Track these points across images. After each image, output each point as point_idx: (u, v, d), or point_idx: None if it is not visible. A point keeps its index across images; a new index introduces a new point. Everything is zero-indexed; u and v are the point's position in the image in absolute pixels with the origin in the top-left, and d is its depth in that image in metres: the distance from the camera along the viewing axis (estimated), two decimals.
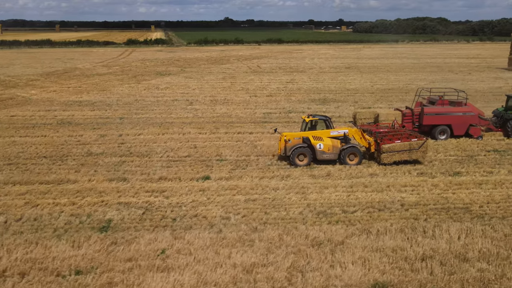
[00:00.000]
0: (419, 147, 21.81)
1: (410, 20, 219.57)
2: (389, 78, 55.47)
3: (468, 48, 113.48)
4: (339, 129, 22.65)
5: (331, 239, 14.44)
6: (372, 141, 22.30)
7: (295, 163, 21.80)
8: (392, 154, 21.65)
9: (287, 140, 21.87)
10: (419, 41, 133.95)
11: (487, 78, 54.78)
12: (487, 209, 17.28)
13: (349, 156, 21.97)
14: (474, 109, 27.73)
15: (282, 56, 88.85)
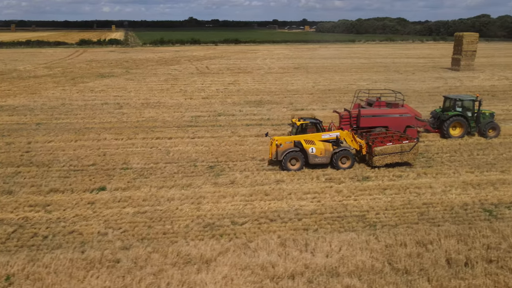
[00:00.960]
0: (410, 149, 21.56)
1: (370, 20, 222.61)
2: (333, 78, 55.20)
3: (421, 48, 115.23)
4: (330, 132, 22.05)
5: (203, 255, 13.44)
6: (364, 143, 21.87)
7: (287, 167, 21.09)
8: (384, 156, 21.40)
9: (278, 145, 21.22)
10: (375, 40, 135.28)
11: (429, 78, 55.18)
12: (383, 216, 16.67)
13: (341, 160, 21.49)
14: (411, 111, 27.56)
15: (235, 57, 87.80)
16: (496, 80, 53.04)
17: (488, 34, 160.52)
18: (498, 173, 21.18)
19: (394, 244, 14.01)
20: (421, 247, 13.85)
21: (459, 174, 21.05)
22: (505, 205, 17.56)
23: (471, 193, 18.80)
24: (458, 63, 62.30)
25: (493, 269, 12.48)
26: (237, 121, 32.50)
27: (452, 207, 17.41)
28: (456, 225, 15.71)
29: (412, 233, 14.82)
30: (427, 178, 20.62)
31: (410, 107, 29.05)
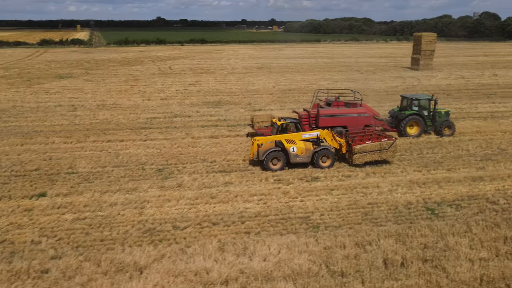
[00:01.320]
0: (389, 147, 21.81)
1: (337, 21, 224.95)
2: (295, 78, 55.29)
3: (385, 47, 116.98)
4: (311, 131, 22.10)
5: (137, 263, 13.02)
6: (344, 142, 22.00)
7: (269, 167, 21.09)
8: (364, 154, 21.56)
9: (259, 145, 21.19)
10: (340, 40, 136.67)
11: (389, 77, 55.94)
12: (327, 218, 16.59)
13: (322, 158, 21.55)
14: (369, 110, 27.75)
15: (200, 57, 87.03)
16: (452, 79, 54.19)
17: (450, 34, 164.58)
18: (444, 171, 21.45)
19: (334, 246, 13.91)
20: (360, 248, 13.79)
21: (407, 173, 21.22)
22: (447, 203, 17.75)
23: (416, 192, 18.95)
24: (417, 62, 63.41)
25: (427, 269, 12.51)
26: (192, 122, 32.07)
27: (396, 206, 17.49)
28: (397, 225, 15.76)
29: (353, 234, 14.77)
30: (376, 177, 20.69)
31: (369, 106, 29.32)
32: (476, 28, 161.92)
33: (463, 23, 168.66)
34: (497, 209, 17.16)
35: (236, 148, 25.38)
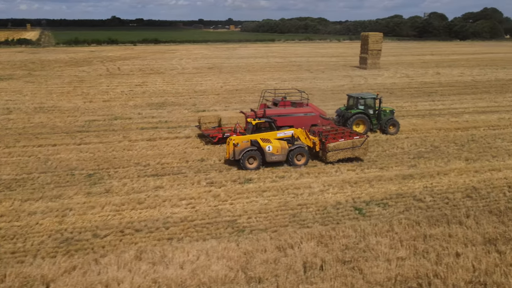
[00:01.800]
0: (361, 144, 22.24)
1: (293, 20, 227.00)
2: (244, 78, 55.07)
3: (337, 47, 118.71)
4: (285, 130, 22.24)
5: (45, 276, 12.32)
6: (317, 140, 22.27)
7: (245, 166, 21.23)
8: (337, 152, 22.01)
9: (235, 144, 21.25)
10: (294, 40, 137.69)
11: (337, 76, 56.59)
12: (254, 221, 16.33)
13: (297, 157, 21.80)
14: (316, 109, 27.75)
15: (151, 57, 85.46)
16: (398, 78, 55.40)
17: (400, 34, 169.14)
18: (377, 170, 21.65)
19: (254, 250, 13.64)
20: (281, 252, 13.59)
21: (341, 173, 21.28)
22: (376, 202, 17.86)
23: (347, 191, 18.99)
24: (365, 61, 64.53)
25: (344, 271, 12.43)
26: (132, 125, 31.22)
27: (325, 207, 17.44)
28: (323, 226, 15.66)
29: (276, 238, 14.56)
30: (309, 178, 20.64)
31: (315, 105, 29.42)
32: (425, 28, 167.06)
33: (413, 23, 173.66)
34: (423, 206, 17.39)
35: (173, 151, 24.83)
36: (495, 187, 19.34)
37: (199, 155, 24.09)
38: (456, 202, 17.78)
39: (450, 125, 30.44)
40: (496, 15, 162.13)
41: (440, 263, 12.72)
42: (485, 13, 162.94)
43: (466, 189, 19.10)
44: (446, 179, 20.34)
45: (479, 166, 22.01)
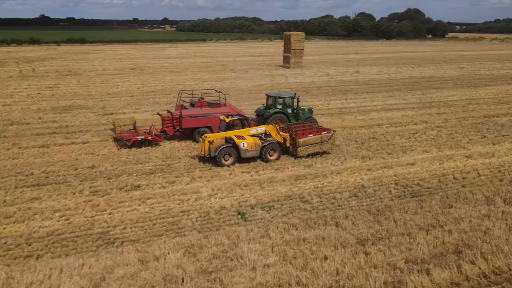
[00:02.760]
0: (328, 139, 23.23)
1: (228, 20, 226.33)
2: (164, 79, 53.64)
3: (268, 46, 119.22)
4: (257, 127, 22.96)
5: None
6: (288, 136, 22.95)
7: (221, 163, 21.58)
8: (307, 147, 22.80)
9: (211, 141, 21.63)
10: (226, 39, 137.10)
11: (259, 76, 56.40)
12: (129, 231, 15.39)
13: (269, 152, 22.45)
14: (234, 109, 27.36)
15: (73, 58, 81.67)
16: (318, 76, 56.08)
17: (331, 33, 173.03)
18: (272, 171, 21.30)
19: (115, 264, 12.69)
20: (143, 265, 12.73)
21: (234, 175, 20.74)
22: (262, 205, 17.43)
23: (235, 195, 18.44)
24: (288, 60, 64.96)
25: (203, 283, 11.76)
26: (28, 131, 29.18)
27: (208, 213, 16.77)
28: (200, 233, 14.97)
29: (143, 249, 13.68)
30: (201, 182, 19.92)
31: (233, 106, 29.10)
32: (354, 27, 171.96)
33: (342, 23, 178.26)
34: (308, 208, 17.14)
35: (64, 158, 23.31)
36: (382, 185, 19.51)
37: (92, 161, 22.75)
38: (341, 202, 17.69)
39: (356, 123, 30.85)
40: (418, 15, 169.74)
41: (306, 269, 12.36)
42: (408, 13, 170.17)
43: (354, 188, 19.12)
44: (338, 178, 20.30)
45: (373, 164, 22.22)
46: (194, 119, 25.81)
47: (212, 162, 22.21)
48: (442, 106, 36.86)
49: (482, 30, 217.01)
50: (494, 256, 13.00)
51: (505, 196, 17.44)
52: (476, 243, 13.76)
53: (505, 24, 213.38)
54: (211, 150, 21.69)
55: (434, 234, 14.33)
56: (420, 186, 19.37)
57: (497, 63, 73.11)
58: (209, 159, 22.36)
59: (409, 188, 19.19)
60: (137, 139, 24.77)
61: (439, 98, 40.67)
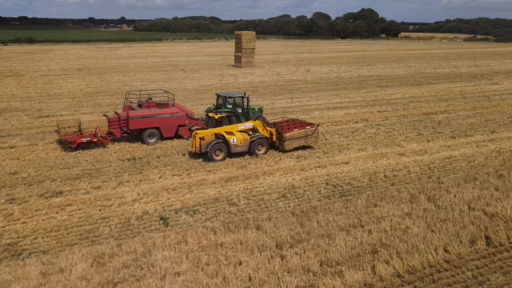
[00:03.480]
0: (312, 133, 23.97)
1: (186, 19, 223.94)
2: (111, 80, 52.19)
3: (223, 46, 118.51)
4: (245, 123, 23.72)
5: None
6: (274, 131, 23.67)
7: (213, 158, 22.12)
8: (293, 141, 23.48)
9: (202, 138, 22.16)
10: (182, 39, 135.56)
11: (209, 76, 55.77)
12: (41, 241, 14.53)
13: (257, 147, 23.10)
14: (182, 109, 26.95)
15: (18, 58, 78.50)
16: (268, 76, 55.93)
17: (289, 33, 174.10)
18: (204, 173, 20.79)
19: (13, 279, 11.85)
20: (44, 278, 11.95)
21: (165, 178, 20.11)
22: (187, 209, 16.89)
23: (161, 199, 17.83)
24: (239, 60, 64.61)
25: None
26: None
27: (129, 219, 16.09)
28: (116, 241, 14.28)
29: (49, 261, 12.90)
30: (128, 186, 19.19)
31: (182, 106, 28.71)
32: (311, 27, 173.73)
33: (299, 22, 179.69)
34: (233, 211, 16.73)
35: None
36: (313, 185, 19.34)
37: (15, 167, 21.58)
38: (269, 204, 17.38)
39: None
40: (372, 15, 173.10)
41: (217, 275, 11.92)
42: (362, 13, 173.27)
43: (284, 189, 18.87)
44: (270, 179, 20.00)
45: (307, 163, 22.06)
46: (142, 120, 25.21)
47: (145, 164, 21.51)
48: (384, 104, 37.33)
49: (434, 29, 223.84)
50: (409, 255, 12.96)
51: (429, 194, 17.56)
52: (393, 242, 13.70)
53: (455, 24, 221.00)
54: (202, 146, 22.26)
55: (353, 234, 14.18)
56: (351, 185, 19.32)
57: (443, 62, 75.23)
58: (201, 155, 22.77)
59: (339, 187, 19.09)
60: (82, 141, 24.00)
61: (382, 97, 41.23)
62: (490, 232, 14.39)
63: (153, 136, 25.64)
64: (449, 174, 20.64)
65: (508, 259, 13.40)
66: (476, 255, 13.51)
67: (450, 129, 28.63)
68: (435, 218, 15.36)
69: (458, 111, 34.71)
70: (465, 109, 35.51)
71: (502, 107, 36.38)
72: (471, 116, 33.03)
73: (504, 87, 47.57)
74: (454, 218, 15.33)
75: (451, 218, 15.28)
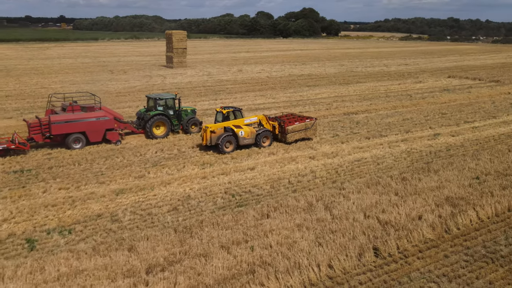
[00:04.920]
0: (311, 126, 25.37)
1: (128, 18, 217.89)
2: (29, 82, 48.94)
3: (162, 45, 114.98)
4: (250, 117, 24.80)
5: None
6: (277, 124, 24.90)
7: (223, 150, 23.08)
8: (295, 133, 24.80)
9: (212, 131, 23.15)
10: (120, 38, 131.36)
11: (137, 77, 53.52)
12: None
13: (263, 139, 24.22)
14: (110, 113, 25.53)
15: None
16: (199, 76, 54.37)
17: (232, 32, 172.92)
18: (95, 185, 19.03)
19: None
20: None
21: (49, 193, 18.23)
22: (62, 228, 15.18)
23: (37, 217, 15.99)
24: (171, 60, 62.70)
25: None
26: None
27: None
28: None
29: None
30: (4, 203, 17.19)
31: (109, 109, 27.46)
32: (254, 26, 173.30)
33: (242, 21, 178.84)
34: (114, 229, 15.19)
35: None
36: (211, 195, 18.08)
37: None
38: (156, 219, 15.94)
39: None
40: (313, 14, 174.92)
41: None
42: (304, 12, 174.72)
43: (178, 200, 17.49)
44: (165, 190, 18.57)
45: (210, 171, 20.80)
46: (66, 125, 23.76)
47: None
48: (308, 104, 36.74)
49: (374, 29, 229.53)
50: (288, 274, 11.92)
51: (327, 201, 16.72)
52: (275, 260, 12.64)
53: (393, 24, 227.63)
54: (212, 139, 23.16)
55: (234, 252, 13.02)
56: (250, 194, 18.21)
57: (375, 60, 76.37)
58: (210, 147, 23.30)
59: (237, 196, 17.93)
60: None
61: (308, 96, 40.71)
62: (379, 242, 13.63)
63: (78, 141, 24.17)
64: (354, 178, 19.97)
65: (394, 271, 12.68)
66: (362, 268, 12.70)
67: (366, 129, 28.26)
68: (326, 229, 14.47)
69: (378, 110, 34.61)
70: (386, 108, 35.48)
71: (422, 105, 36.68)
72: (390, 115, 32.95)
73: (428, 85, 48.40)
74: (346, 228, 14.49)
75: (342, 229, 14.44)
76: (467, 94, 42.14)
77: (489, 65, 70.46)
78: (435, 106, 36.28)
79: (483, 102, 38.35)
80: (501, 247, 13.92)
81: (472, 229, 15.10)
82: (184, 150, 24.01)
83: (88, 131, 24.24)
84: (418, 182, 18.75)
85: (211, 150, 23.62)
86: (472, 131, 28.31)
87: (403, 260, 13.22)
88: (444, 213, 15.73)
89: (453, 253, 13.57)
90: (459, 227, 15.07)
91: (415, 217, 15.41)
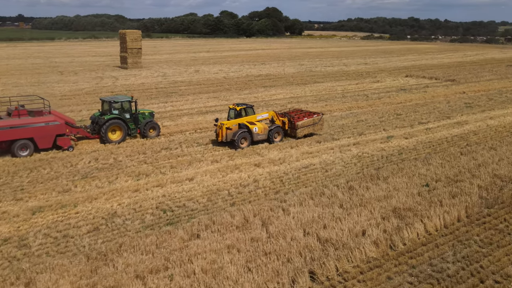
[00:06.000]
0: (319, 121, 26.05)
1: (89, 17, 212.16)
2: None
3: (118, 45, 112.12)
4: (262, 113, 25.40)
5: None
6: (286, 120, 25.50)
7: (239, 146, 23.59)
8: (304, 128, 25.46)
9: (228, 128, 23.60)
10: (77, 38, 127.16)
11: (87, 78, 51.01)
12: None
13: (274, 135, 24.78)
14: (61, 117, 23.71)
15: None
16: (153, 77, 52.30)
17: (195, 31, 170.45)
18: (13, 202, 17.05)
19: None
20: None
21: None
22: None
23: None
24: (125, 61, 60.44)
25: None
26: None
27: None
28: None
29: None
30: None
31: (60, 113, 25.54)
32: (217, 25, 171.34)
33: (205, 21, 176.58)
34: (19, 256, 13.33)
35: None
36: (140, 211, 16.40)
37: None
38: (72, 243, 14.15)
39: (162, 130, 27.54)
40: (276, 14, 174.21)
41: None
42: (267, 12, 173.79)
43: (102, 218, 15.71)
44: (90, 206, 16.76)
45: (145, 182, 19.09)
46: (10, 131, 21.94)
47: None
48: (262, 106, 35.34)
49: (337, 28, 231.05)
50: None
51: (265, 216, 15.27)
52: None
53: (356, 23, 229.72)
54: (228, 135, 23.60)
55: (150, 283, 11.38)
56: (184, 209, 16.59)
57: (335, 60, 75.85)
58: None
59: (169, 212, 16.28)
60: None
61: (263, 98, 39.35)
62: (316, 265, 12.25)
63: (25, 148, 22.46)
64: (299, 187, 18.63)
65: None
66: None
67: (319, 132, 27.03)
68: (259, 250, 13.01)
69: (333, 112, 33.54)
70: (341, 109, 34.46)
71: (377, 106, 35.85)
72: (345, 116, 31.92)
73: (385, 85, 47.84)
74: (281, 249, 13.07)
75: (277, 250, 13.00)
76: (423, 94, 41.69)
77: (446, 64, 70.93)
78: (391, 107, 35.50)
79: (438, 102, 37.86)
80: (448, 265, 12.79)
81: (419, 244, 13.95)
82: (121, 159, 22.16)
83: (36, 137, 22.57)
84: (365, 191, 17.53)
85: (226, 146, 24.21)
86: (425, 132, 27.50)
87: (341, 284, 11.91)
88: (390, 226, 14.52)
89: (397, 274, 12.35)
90: (405, 242, 13.90)
91: (359, 232, 14.13)
